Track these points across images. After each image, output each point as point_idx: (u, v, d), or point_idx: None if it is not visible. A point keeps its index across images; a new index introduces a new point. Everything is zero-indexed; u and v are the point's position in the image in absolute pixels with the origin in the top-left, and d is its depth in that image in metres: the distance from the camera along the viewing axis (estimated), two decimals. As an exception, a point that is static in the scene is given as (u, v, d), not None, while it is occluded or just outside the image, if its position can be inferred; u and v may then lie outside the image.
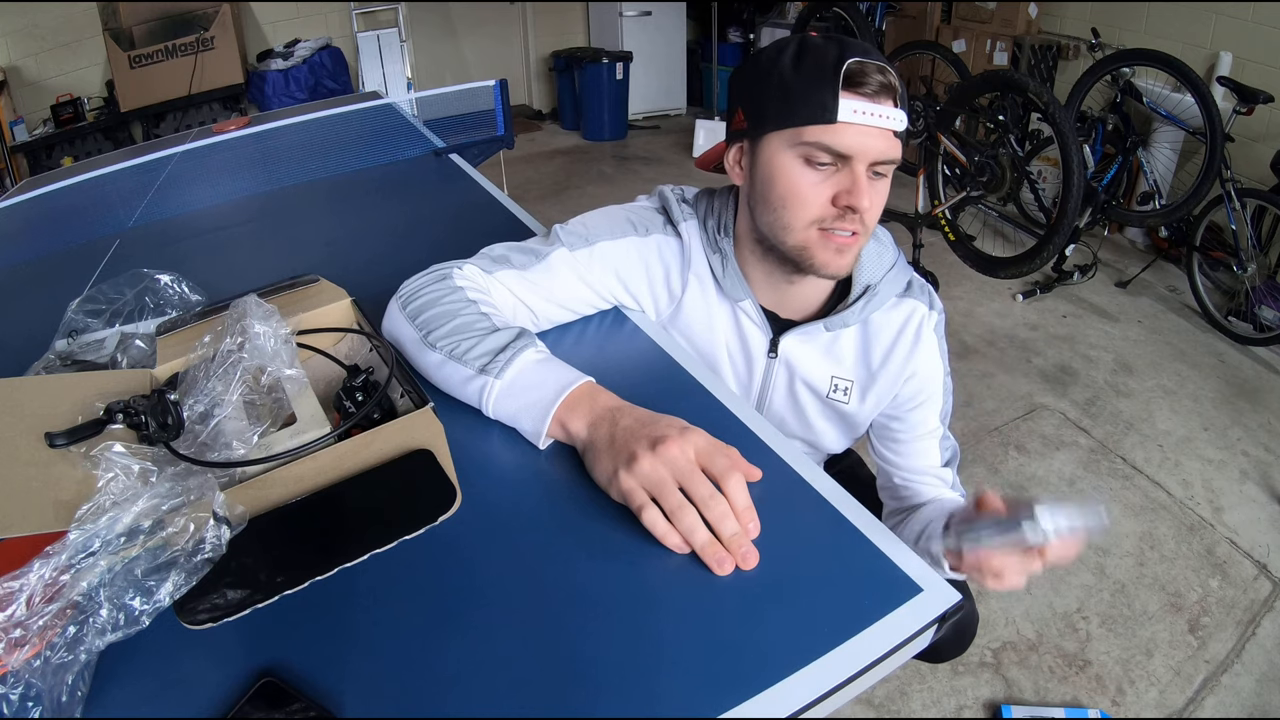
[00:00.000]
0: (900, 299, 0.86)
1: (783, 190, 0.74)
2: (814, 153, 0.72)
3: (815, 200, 0.73)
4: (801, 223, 0.75)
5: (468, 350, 0.69)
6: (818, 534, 0.58)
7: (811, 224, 0.74)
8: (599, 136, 5.08)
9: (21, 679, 0.44)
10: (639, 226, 0.85)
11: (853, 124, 0.70)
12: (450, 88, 2.28)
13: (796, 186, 0.74)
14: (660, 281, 0.86)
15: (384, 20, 4.76)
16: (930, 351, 0.87)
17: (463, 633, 0.51)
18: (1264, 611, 1.67)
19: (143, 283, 0.88)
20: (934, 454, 0.92)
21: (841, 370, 0.88)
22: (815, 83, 0.70)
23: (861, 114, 0.69)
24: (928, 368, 0.87)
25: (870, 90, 0.70)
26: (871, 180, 0.73)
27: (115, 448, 0.55)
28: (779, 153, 0.74)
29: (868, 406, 0.89)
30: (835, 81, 0.69)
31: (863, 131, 0.70)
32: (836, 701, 0.47)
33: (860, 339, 0.87)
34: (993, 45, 3.72)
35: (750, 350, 0.87)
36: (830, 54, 0.70)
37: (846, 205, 0.72)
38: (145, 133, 4.19)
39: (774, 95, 0.73)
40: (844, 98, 0.69)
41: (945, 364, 0.89)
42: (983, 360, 2.62)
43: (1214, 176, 2.60)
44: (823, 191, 0.73)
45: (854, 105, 0.69)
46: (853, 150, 0.71)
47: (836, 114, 0.69)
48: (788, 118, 0.72)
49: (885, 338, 0.86)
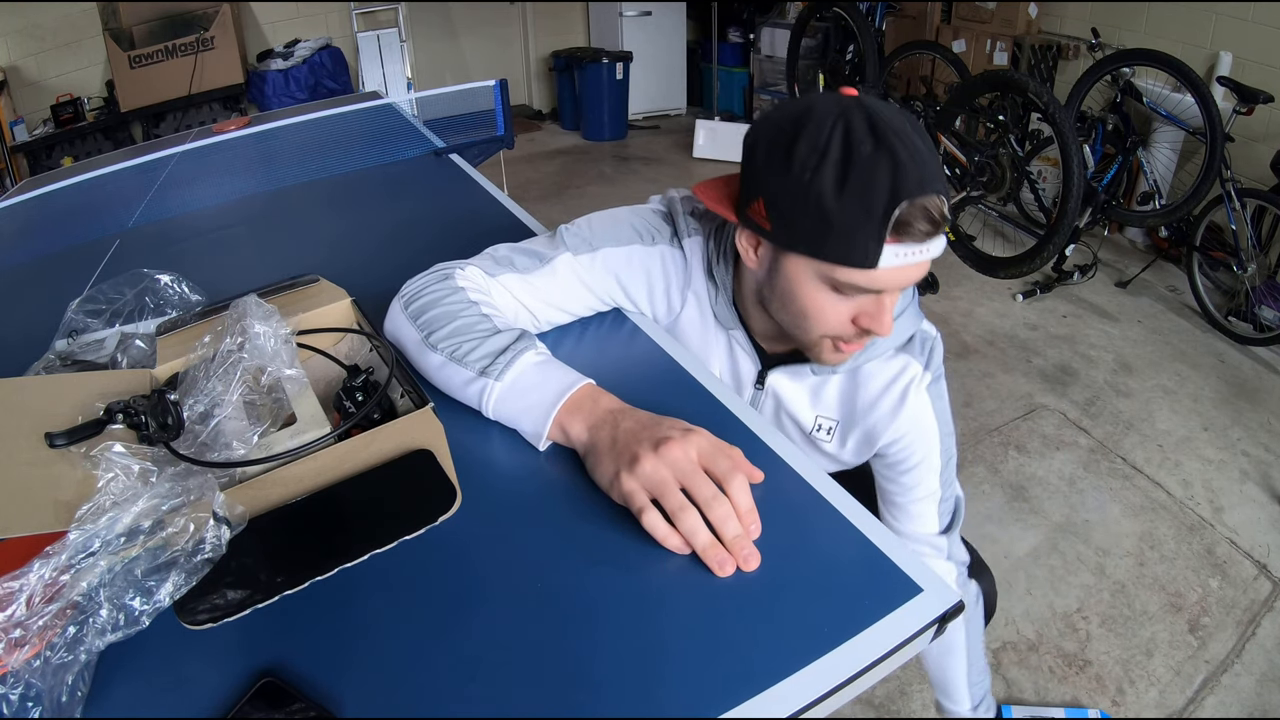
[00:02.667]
0: (897, 352, 0.82)
1: (802, 306, 0.70)
2: (844, 287, 0.67)
3: (835, 320, 0.70)
4: (815, 335, 0.72)
5: (468, 352, 0.68)
6: (818, 534, 0.58)
7: (825, 336, 0.72)
8: (599, 136, 5.08)
9: (21, 679, 0.44)
10: (645, 234, 0.83)
11: (893, 267, 0.64)
12: (450, 88, 2.28)
13: (819, 310, 0.70)
14: (661, 292, 0.85)
15: (384, 20, 4.76)
16: (918, 413, 0.83)
17: (463, 633, 0.51)
18: (1264, 611, 1.67)
19: (143, 283, 0.88)
20: (931, 520, 0.90)
21: (826, 410, 0.86)
22: (860, 225, 0.62)
23: (904, 257, 0.63)
24: (917, 430, 0.84)
25: (919, 235, 0.63)
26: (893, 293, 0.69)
27: (115, 448, 0.55)
28: (805, 275, 0.68)
29: (849, 449, 0.88)
30: (883, 229, 0.62)
31: (901, 271, 0.65)
32: (836, 701, 0.47)
33: (847, 385, 0.84)
34: (993, 45, 3.72)
35: (740, 377, 0.86)
36: (881, 187, 0.61)
37: (866, 329, 0.70)
38: (145, 133, 4.19)
39: (809, 217, 0.64)
40: (890, 245, 0.62)
41: (945, 424, 0.86)
42: (983, 360, 2.62)
43: (1214, 176, 2.60)
44: (843, 311, 0.69)
45: (898, 251, 0.63)
46: (887, 286, 0.66)
47: (879, 262, 0.63)
48: (821, 249, 0.65)
49: (872, 389, 0.83)
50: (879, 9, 3.90)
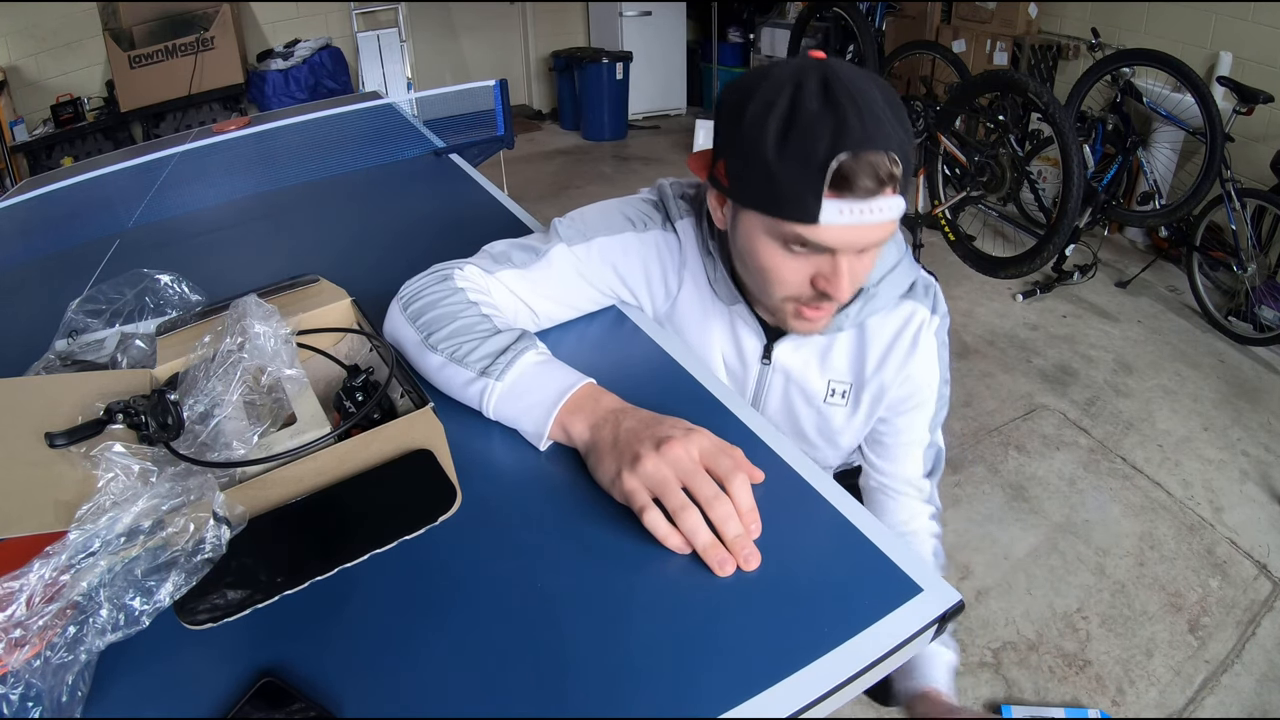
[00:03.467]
0: (901, 301, 0.83)
1: (760, 266, 0.71)
2: (793, 243, 0.67)
3: (792, 280, 0.70)
4: (777, 297, 0.73)
5: (469, 353, 0.69)
6: (818, 534, 0.58)
7: (786, 299, 0.73)
8: (599, 136, 5.08)
9: (21, 679, 0.44)
10: (637, 222, 0.84)
11: (837, 224, 0.63)
12: (450, 88, 2.28)
13: (774, 267, 0.70)
14: (658, 279, 0.85)
15: (384, 20, 4.77)
16: (927, 357, 0.84)
17: (463, 633, 0.51)
18: (1264, 611, 1.67)
19: (143, 283, 0.88)
20: (917, 462, 0.91)
21: (837, 374, 0.86)
22: (798, 178, 0.62)
23: (849, 214, 0.62)
24: (922, 373, 0.85)
25: (862, 191, 0.62)
26: (857, 257, 0.68)
27: (115, 448, 0.55)
28: (757, 233, 0.69)
29: (861, 413, 0.87)
30: (820, 182, 0.61)
31: (849, 229, 0.64)
32: (836, 701, 0.47)
33: (856, 343, 0.85)
34: (993, 45, 3.72)
35: (745, 355, 0.86)
36: (820, 140, 0.60)
37: (823, 291, 0.69)
38: (145, 133, 4.19)
39: (755, 175, 0.65)
40: (829, 200, 0.62)
41: (944, 371, 0.87)
42: (983, 360, 2.62)
43: (1214, 176, 2.60)
44: (801, 271, 0.69)
45: (840, 207, 0.62)
46: (836, 245, 0.65)
47: (818, 217, 0.62)
48: (767, 205, 0.66)
49: (881, 342, 0.83)
50: (879, 9, 3.90)
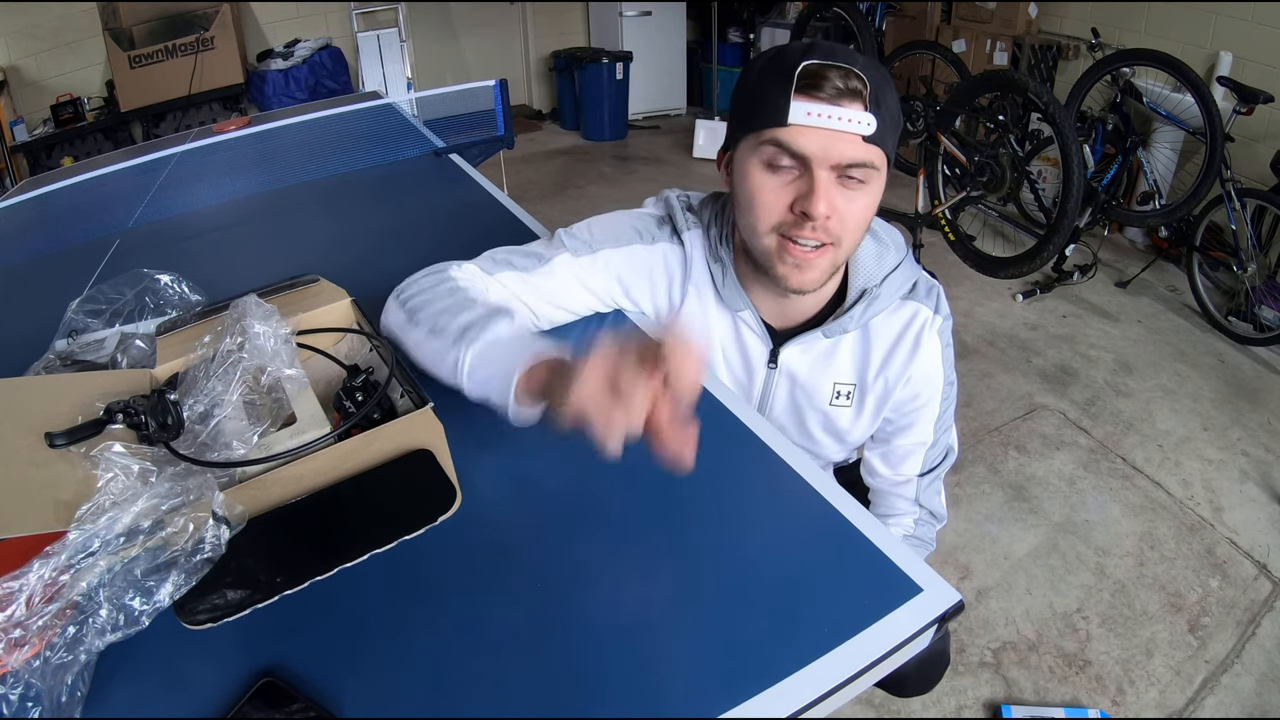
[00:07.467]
0: (903, 301, 0.83)
1: (748, 192, 0.74)
2: (772, 154, 0.70)
3: (775, 204, 0.72)
4: (764, 226, 0.74)
5: (448, 324, 0.69)
6: (818, 534, 0.58)
7: (772, 229, 0.74)
8: (599, 136, 5.08)
9: (21, 679, 0.44)
10: (644, 234, 0.85)
11: (808, 127, 0.68)
12: (450, 88, 2.28)
13: (758, 189, 0.73)
14: (662, 290, 0.86)
15: (384, 20, 4.76)
16: (929, 357, 0.84)
17: (463, 632, 0.51)
18: (1264, 611, 1.67)
19: (143, 283, 0.88)
20: (915, 463, 0.92)
21: (842, 376, 0.87)
22: (772, 85, 0.69)
23: (816, 116, 0.67)
24: (925, 374, 0.85)
25: (828, 93, 0.67)
26: (842, 187, 0.71)
27: (115, 448, 0.55)
28: (746, 156, 0.73)
29: (867, 414, 0.88)
30: (789, 84, 0.67)
31: (820, 134, 0.68)
32: (836, 701, 0.47)
33: (860, 344, 0.85)
34: (993, 45, 3.72)
35: (750, 360, 0.87)
36: (793, 56, 0.68)
37: (802, 211, 0.70)
38: (145, 133, 4.18)
39: (743, 99, 0.73)
40: (796, 100, 0.67)
41: (949, 371, 0.87)
42: (983, 360, 2.62)
43: (1214, 176, 2.60)
44: (783, 196, 0.72)
45: (807, 108, 0.67)
46: (808, 153, 0.69)
47: (788, 116, 0.68)
48: (751, 121, 0.71)
49: (884, 343, 0.84)
50: (879, 9, 3.90)
